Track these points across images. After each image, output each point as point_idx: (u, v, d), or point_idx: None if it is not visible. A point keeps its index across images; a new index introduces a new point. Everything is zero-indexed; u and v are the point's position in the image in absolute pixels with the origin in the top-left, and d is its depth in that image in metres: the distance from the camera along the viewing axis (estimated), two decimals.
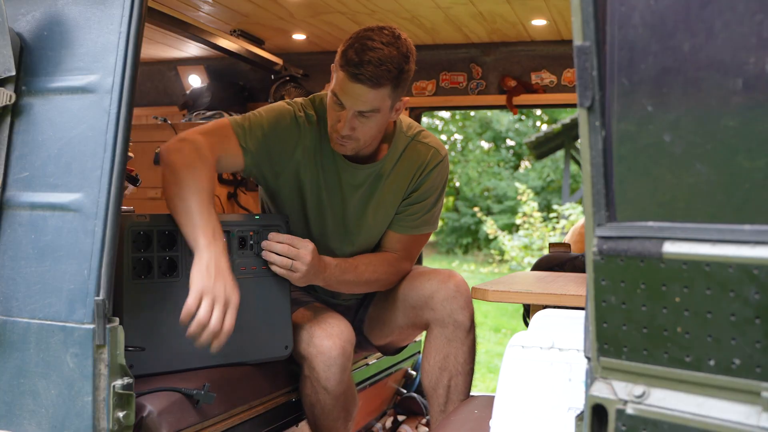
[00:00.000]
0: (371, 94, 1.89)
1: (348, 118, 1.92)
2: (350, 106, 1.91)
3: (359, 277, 2.07)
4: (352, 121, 1.93)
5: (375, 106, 1.92)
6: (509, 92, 3.40)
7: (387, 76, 1.88)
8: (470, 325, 2.08)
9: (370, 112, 1.93)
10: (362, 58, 1.86)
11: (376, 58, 1.86)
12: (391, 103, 1.96)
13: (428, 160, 2.15)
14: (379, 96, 1.91)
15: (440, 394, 2.10)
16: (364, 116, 1.93)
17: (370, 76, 1.86)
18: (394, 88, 1.93)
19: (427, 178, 2.15)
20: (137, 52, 1.45)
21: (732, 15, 0.86)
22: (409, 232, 2.18)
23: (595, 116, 0.95)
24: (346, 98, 1.91)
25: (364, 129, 1.96)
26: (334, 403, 1.97)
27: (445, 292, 2.06)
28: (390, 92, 1.92)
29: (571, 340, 1.27)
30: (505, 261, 11.66)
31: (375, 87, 1.88)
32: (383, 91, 1.90)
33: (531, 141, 13.64)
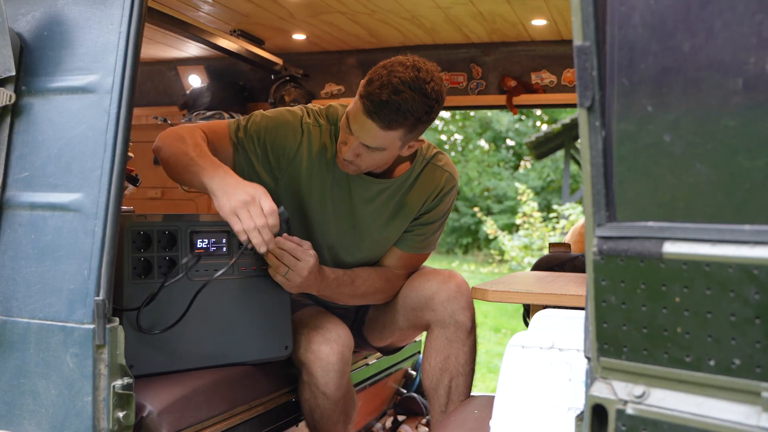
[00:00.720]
0: (381, 133, 1.84)
1: (353, 146, 1.89)
2: (357, 137, 1.87)
3: (355, 291, 2.06)
4: (356, 149, 1.89)
5: (382, 145, 1.87)
6: (509, 92, 3.40)
7: (402, 122, 1.82)
8: (471, 325, 2.07)
9: (375, 149, 1.89)
10: (382, 97, 1.78)
11: (397, 102, 1.78)
12: (402, 144, 1.91)
13: (443, 184, 2.13)
14: (389, 137, 1.85)
15: (441, 395, 2.10)
16: (370, 150, 1.89)
17: (384, 117, 1.80)
18: (408, 133, 1.87)
19: (440, 202, 2.14)
20: (137, 52, 1.45)
21: (732, 15, 0.86)
22: (412, 251, 2.17)
23: (595, 116, 0.95)
24: (356, 128, 1.86)
25: (366, 159, 1.93)
26: (333, 408, 1.97)
27: (446, 292, 2.05)
28: (402, 135, 1.87)
29: (571, 340, 1.27)
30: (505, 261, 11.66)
31: (386, 129, 1.83)
32: (394, 133, 1.85)
33: (531, 141, 13.64)
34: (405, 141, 1.90)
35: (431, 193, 2.12)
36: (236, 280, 1.86)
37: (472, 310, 2.07)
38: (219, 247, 1.84)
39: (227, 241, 1.85)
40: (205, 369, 1.80)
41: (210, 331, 1.81)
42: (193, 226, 1.81)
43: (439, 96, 1.86)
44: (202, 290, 1.75)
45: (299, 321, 2.00)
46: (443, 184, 2.13)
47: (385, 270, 2.14)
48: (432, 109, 1.85)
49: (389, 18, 3.02)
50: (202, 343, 1.79)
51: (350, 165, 1.95)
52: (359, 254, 2.14)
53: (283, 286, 1.86)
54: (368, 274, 2.09)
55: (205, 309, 1.80)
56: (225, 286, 1.84)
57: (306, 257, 1.82)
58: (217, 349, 1.82)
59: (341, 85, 3.63)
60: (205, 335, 1.80)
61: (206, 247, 1.82)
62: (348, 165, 1.96)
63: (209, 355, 1.81)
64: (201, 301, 1.80)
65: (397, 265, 2.17)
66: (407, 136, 1.88)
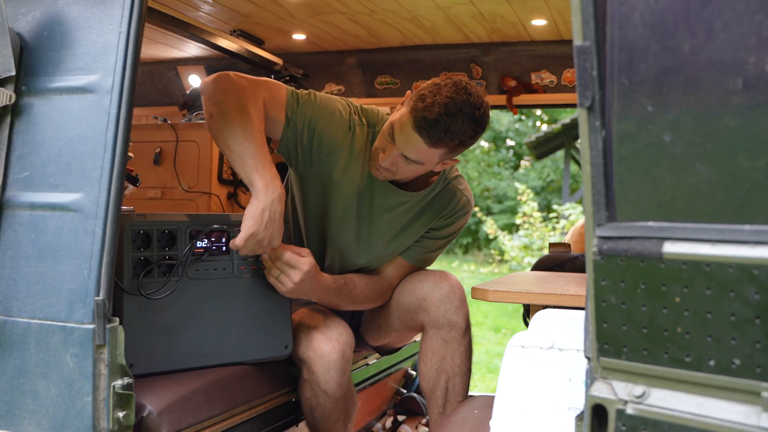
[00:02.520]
0: (425, 149, 1.88)
1: (392, 155, 1.92)
2: (399, 147, 1.91)
3: (353, 299, 2.08)
4: (395, 159, 1.93)
5: (422, 160, 1.92)
6: (509, 92, 3.40)
7: (449, 142, 1.88)
8: (465, 326, 2.08)
9: (414, 162, 1.93)
10: (438, 117, 1.82)
11: (450, 126, 1.83)
12: (439, 160, 1.96)
13: (459, 206, 2.16)
14: (431, 154, 1.90)
15: (438, 395, 2.10)
16: (408, 161, 1.93)
17: (433, 136, 1.85)
18: (450, 152, 1.93)
19: (453, 222, 2.17)
20: (137, 52, 1.45)
21: (732, 15, 0.86)
22: (412, 262, 2.19)
23: (595, 116, 0.95)
24: (401, 139, 1.90)
25: (402, 169, 1.97)
26: (333, 406, 1.97)
27: (438, 293, 2.05)
28: (443, 154, 1.93)
29: (571, 340, 1.27)
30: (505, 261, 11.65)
31: (431, 146, 1.88)
32: (437, 151, 1.90)
33: (531, 141, 13.64)
34: (443, 158, 1.95)
35: (446, 212, 2.15)
36: (236, 280, 1.86)
37: (465, 310, 2.08)
38: (219, 246, 1.84)
39: (227, 241, 1.85)
40: (205, 369, 1.80)
41: (210, 331, 1.81)
42: (193, 226, 1.81)
43: (485, 122, 1.92)
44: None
45: (300, 319, 2.01)
46: (460, 206, 2.17)
47: (381, 279, 2.17)
48: (476, 133, 1.91)
49: (389, 18, 3.02)
50: (202, 343, 1.79)
51: (384, 171, 1.98)
52: (366, 258, 2.15)
53: (276, 288, 1.86)
54: (366, 283, 2.11)
55: (206, 309, 1.80)
56: (225, 286, 1.84)
57: (300, 265, 1.82)
58: (217, 349, 1.82)
59: (341, 85, 3.63)
60: (206, 335, 1.80)
61: (206, 246, 1.83)
62: (382, 171, 1.99)
63: (209, 355, 1.81)
64: (201, 301, 1.80)
65: (393, 274, 2.19)
66: (448, 155, 1.94)
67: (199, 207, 3.37)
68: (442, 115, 1.82)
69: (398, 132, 1.89)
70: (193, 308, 1.78)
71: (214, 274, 1.83)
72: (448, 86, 1.86)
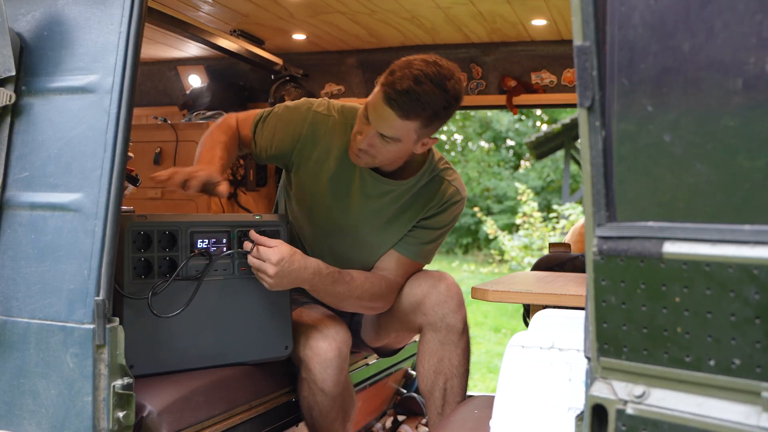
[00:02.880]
0: (397, 123, 1.88)
1: (369, 135, 1.92)
2: (374, 125, 1.91)
3: (351, 291, 2.00)
4: (371, 139, 1.92)
5: (398, 135, 1.91)
6: (509, 92, 3.40)
7: (420, 112, 1.86)
8: (463, 327, 2.07)
9: (391, 139, 1.91)
10: (404, 86, 1.83)
11: (417, 91, 1.83)
12: (417, 137, 1.94)
13: (449, 196, 2.14)
14: (405, 127, 1.89)
15: (437, 397, 2.10)
16: (385, 140, 1.92)
17: (402, 105, 1.84)
18: (424, 126, 1.91)
19: (443, 211, 2.15)
20: (137, 52, 1.45)
21: (732, 15, 0.86)
22: (408, 256, 2.14)
23: (595, 116, 0.95)
24: (373, 116, 1.90)
25: (381, 151, 1.95)
26: (331, 405, 1.97)
27: (436, 295, 2.04)
28: (418, 128, 1.90)
29: (571, 340, 1.27)
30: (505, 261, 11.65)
31: (403, 118, 1.86)
32: (411, 124, 1.89)
33: (531, 141, 13.63)
34: (420, 135, 1.93)
35: (435, 203, 2.13)
36: (236, 280, 1.86)
37: (463, 312, 2.07)
38: (219, 247, 1.84)
39: (227, 241, 1.85)
40: (205, 369, 1.80)
41: (210, 331, 1.81)
42: (193, 226, 1.81)
43: (457, 94, 1.91)
44: None
45: (297, 318, 2.00)
46: (449, 196, 2.15)
47: (382, 276, 2.12)
48: (450, 105, 1.90)
49: (389, 18, 3.02)
50: (202, 343, 1.80)
51: (364, 155, 1.97)
52: (355, 253, 2.14)
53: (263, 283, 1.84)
54: (366, 276, 2.07)
55: (206, 309, 1.80)
56: (225, 286, 1.84)
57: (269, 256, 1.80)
58: (217, 349, 1.82)
59: (341, 85, 3.63)
60: (206, 335, 1.80)
61: (206, 247, 1.83)
62: (361, 156, 1.97)
63: (209, 355, 1.82)
64: (201, 301, 1.80)
65: (394, 271, 2.13)
66: (423, 129, 1.92)
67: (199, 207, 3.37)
68: (411, 84, 1.83)
69: (371, 110, 1.90)
70: (194, 309, 1.78)
71: (215, 275, 1.83)
72: (418, 60, 1.89)
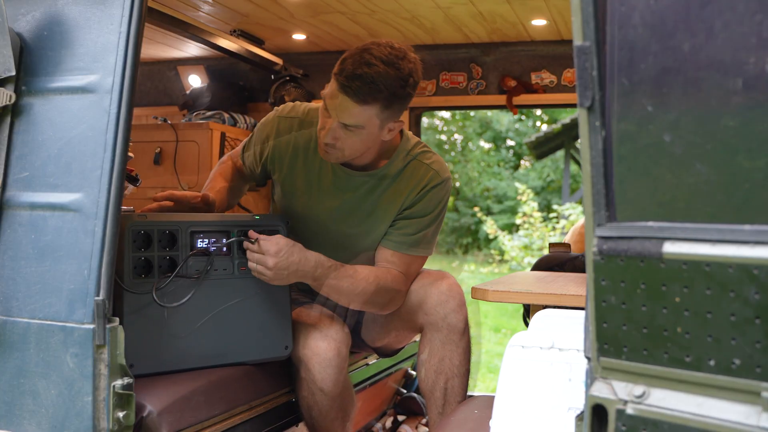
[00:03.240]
0: (356, 109, 1.86)
1: (332, 127, 1.90)
2: (335, 117, 1.89)
3: (355, 285, 1.95)
4: (335, 131, 1.90)
5: (360, 122, 1.88)
6: (509, 92, 3.40)
7: (376, 95, 1.84)
8: (464, 327, 2.06)
9: (354, 127, 1.89)
10: (355, 71, 1.82)
11: (370, 74, 1.82)
12: (380, 123, 1.91)
13: (426, 181, 2.07)
14: (365, 113, 1.87)
15: (438, 396, 2.09)
16: (349, 129, 1.90)
17: (357, 90, 1.83)
18: (384, 109, 1.88)
19: (423, 197, 2.07)
20: (137, 52, 1.45)
21: (732, 15, 0.86)
22: (404, 251, 2.08)
23: (595, 116, 0.95)
24: (332, 107, 1.89)
25: (347, 142, 1.92)
26: (331, 405, 1.97)
27: (437, 295, 2.03)
28: (378, 112, 1.88)
29: (571, 340, 1.27)
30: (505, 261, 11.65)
31: (361, 103, 1.85)
32: (370, 109, 1.86)
33: (531, 141, 13.63)
34: (383, 120, 1.91)
35: (414, 188, 2.07)
36: (236, 280, 1.86)
37: (464, 312, 2.05)
38: (219, 246, 1.84)
39: (227, 241, 1.85)
40: (205, 369, 1.80)
41: (210, 332, 1.81)
42: (193, 226, 1.81)
43: (412, 72, 1.90)
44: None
45: (297, 318, 2.00)
46: (427, 180, 2.08)
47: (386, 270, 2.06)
48: (407, 83, 1.88)
49: (389, 18, 3.03)
50: (202, 343, 1.79)
51: (331, 150, 1.95)
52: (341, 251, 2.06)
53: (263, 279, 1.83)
54: (369, 269, 2.02)
55: (206, 309, 1.80)
56: (225, 286, 1.84)
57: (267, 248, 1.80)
58: (217, 349, 1.82)
59: None
60: (206, 335, 1.80)
61: (206, 246, 1.83)
62: (330, 151, 1.95)
63: (209, 355, 1.81)
64: (201, 302, 1.80)
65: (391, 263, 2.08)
66: (384, 113, 1.89)
67: None
68: (363, 68, 1.82)
69: (329, 101, 1.89)
70: (194, 308, 1.78)
71: (215, 275, 1.83)
72: (368, 45, 1.88)
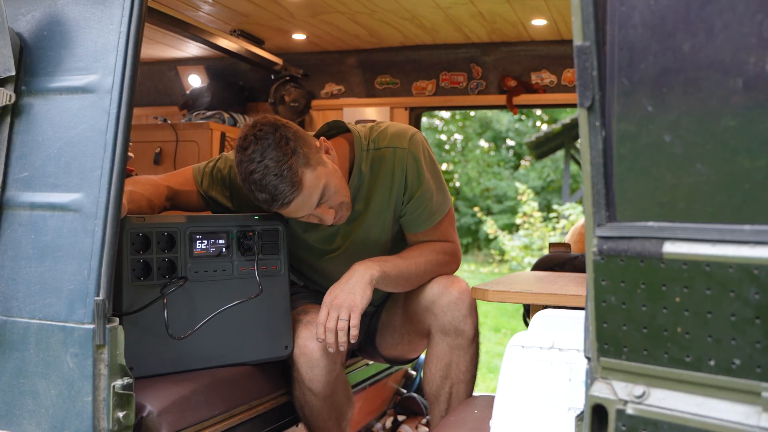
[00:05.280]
0: (300, 198, 1.81)
1: (319, 215, 1.89)
2: (306, 216, 1.88)
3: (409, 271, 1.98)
4: (323, 211, 1.88)
5: (314, 191, 1.83)
6: (509, 92, 3.40)
7: (287, 182, 1.77)
8: (473, 333, 2.02)
9: (320, 196, 1.85)
10: (261, 195, 1.78)
11: (268, 186, 1.76)
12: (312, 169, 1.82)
13: (395, 163, 2.02)
14: (306, 190, 1.81)
15: (442, 401, 2.08)
16: (323, 199, 1.86)
17: (281, 200, 1.79)
18: (305, 167, 1.80)
19: (408, 176, 2.02)
20: (137, 52, 1.45)
21: (732, 15, 0.86)
22: (430, 225, 2.07)
23: (595, 116, 0.95)
24: (296, 216, 1.88)
25: (335, 198, 1.89)
26: (322, 405, 1.96)
27: (447, 298, 1.99)
28: (308, 173, 1.81)
29: (571, 340, 1.27)
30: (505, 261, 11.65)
31: (295, 195, 1.79)
32: (302, 184, 1.80)
33: (531, 141, 13.63)
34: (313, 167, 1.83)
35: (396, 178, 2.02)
36: (236, 281, 1.86)
37: (474, 318, 2.01)
38: (218, 248, 1.84)
39: (225, 242, 1.85)
40: (205, 369, 1.80)
41: (210, 332, 1.81)
42: (192, 227, 1.81)
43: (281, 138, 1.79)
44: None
45: (294, 318, 2.00)
46: (395, 161, 2.02)
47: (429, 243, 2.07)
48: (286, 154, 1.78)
49: (389, 18, 3.02)
50: (202, 344, 1.79)
51: (341, 211, 1.94)
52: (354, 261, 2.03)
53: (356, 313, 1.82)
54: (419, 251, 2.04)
55: (206, 310, 1.80)
56: (225, 287, 1.84)
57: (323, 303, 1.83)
58: (217, 350, 1.82)
59: (341, 85, 3.63)
60: (206, 336, 1.80)
61: (205, 248, 1.83)
62: (341, 213, 1.94)
63: (210, 356, 1.82)
64: (201, 303, 1.80)
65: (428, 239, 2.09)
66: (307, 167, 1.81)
67: None
68: (258, 191, 1.78)
69: (299, 218, 1.89)
70: (194, 310, 1.78)
71: (214, 276, 1.83)
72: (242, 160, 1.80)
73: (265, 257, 1.90)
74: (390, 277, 1.93)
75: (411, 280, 2.01)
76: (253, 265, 1.87)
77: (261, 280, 1.87)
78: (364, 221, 2.07)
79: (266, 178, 1.77)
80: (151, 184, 2.02)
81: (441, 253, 2.07)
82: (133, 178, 2.05)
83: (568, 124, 12.10)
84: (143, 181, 2.02)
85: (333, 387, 1.95)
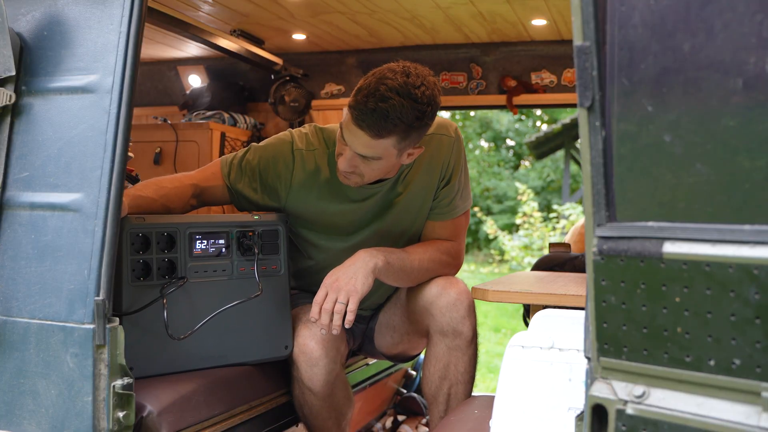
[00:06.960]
0: (372, 143, 1.80)
1: (349, 157, 1.87)
2: (351, 147, 1.85)
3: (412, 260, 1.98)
4: (352, 160, 1.87)
5: (377, 154, 1.84)
6: (509, 92, 3.40)
7: (393, 129, 1.78)
8: (472, 335, 2.02)
9: (371, 158, 1.85)
10: (368, 104, 1.75)
11: (384, 108, 1.74)
12: (398, 152, 1.86)
13: (442, 150, 2.04)
14: (381, 145, 1.82)
15: (440, 401, 2.08)
16: (366, 159, 1.86)
17: (372, 125, 1.77)
18: (402, 140, 1.83)
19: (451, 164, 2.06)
20: (137, 52, 1.45)
21: (732, 15, 0.86)
22: (449, 218, 2.09)
23: (595, 116, 0.95)
24: (349, 138, 1.84)
25: (365, 169, 1.89)
26: (321, 405, 1.96)
27: (446, 299, 1.99)
28: (395, 143, 1.82)
29: (571, 340, 1.27)
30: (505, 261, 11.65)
31: (376, 137, 1.79)
32: (386, 141, 1.81)
33: (531, 141, 13.64)
34: (401, 148, 1.86)
35: (442, 165, 2.04)
36: (236, 281, 1.86)
37: (472, 319, 2.01)
38: (218, 248, 1.84)
39: (225, 242, 1.85)
40: (205, 369, 1.80)
41: (210, 332, 1.81)
42: (192, 227, 1.81)
43: (431, 100, 1.82)
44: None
45: (294, 317, 2.00)
46: (442, 150, 2.04)
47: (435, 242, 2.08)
48: (424, 114, 1.81)
49: (389, 18, 3.02)
50: (202, 344, 1.79)
51: (351, 176, 1.92)
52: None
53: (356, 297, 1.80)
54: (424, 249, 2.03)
55: (206, 310, 1.80)
56: (225, 287, 1.84)
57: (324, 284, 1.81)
58: (217, 350, 1.82)
59: (341, 85, 3.63)
60: (206, 336, 1.80)
61: (205, 248, 1.83)
62: (349, 176, 1.93)
63: (209, 356, 1.82)
64: (201, 303, 1.80)
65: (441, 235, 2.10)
66: (402, 143, 1.84)
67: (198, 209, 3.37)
68: (377, 103, 1.74)
69: (345, 131, 1.85)
70: (193, 310, 1.78)
71: (214, 276, 1.83)
72: (384, 71, 1.79)
73: (265, 257, 1.90)
74: (393, 269, 1.92)
75: (412, 276, 2.01)
76: (253, 265, 1.87)
77: (261, 280, 1.87)
78: (398, 204, 2.07)
79: (388, 100, 1.74)
80: (174, 185, 1.98)
81: (445, 254, 2.08)
82: (158, 178, 2.00)
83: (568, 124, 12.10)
84: (167, 183, 1.99)
85: (333, 386, 1.95)
